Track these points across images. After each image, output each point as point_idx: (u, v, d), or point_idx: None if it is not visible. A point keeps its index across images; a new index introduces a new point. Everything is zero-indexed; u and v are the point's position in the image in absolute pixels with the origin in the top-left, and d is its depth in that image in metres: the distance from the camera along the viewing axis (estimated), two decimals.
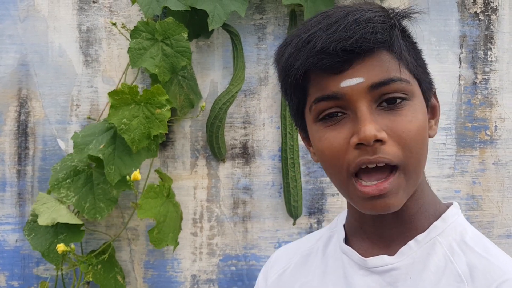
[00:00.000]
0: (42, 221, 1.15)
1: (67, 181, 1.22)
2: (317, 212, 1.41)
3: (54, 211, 1.18)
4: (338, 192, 1.41)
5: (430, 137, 0.65)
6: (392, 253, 0.66)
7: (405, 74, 0.61)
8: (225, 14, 1.26)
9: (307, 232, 1.41)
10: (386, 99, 0.60)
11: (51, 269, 1.38)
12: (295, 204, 1.36)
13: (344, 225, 0.74)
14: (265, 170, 1.41)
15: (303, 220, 1.41)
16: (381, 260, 0.65)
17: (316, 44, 0.59)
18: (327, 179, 1.41)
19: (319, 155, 0.64)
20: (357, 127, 0.58)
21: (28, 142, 1.41)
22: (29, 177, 1.41)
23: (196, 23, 1.32)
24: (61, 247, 1.10)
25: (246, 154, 1.42)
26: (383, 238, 0.67)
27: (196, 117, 1.38)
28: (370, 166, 0.59)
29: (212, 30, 1.32)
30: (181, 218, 1.36)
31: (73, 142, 1.21)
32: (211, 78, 1.40)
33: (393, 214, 0.64)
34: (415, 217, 0.66)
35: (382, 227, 0.67)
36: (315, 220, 1.41)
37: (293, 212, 1.37)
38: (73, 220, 1.18)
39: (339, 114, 0.61)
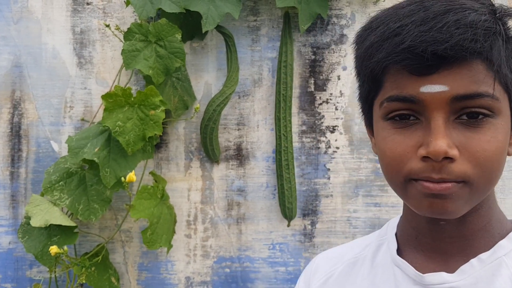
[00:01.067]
0: (35, 222, 1.14)
1: (60, 183, 1.22)
2: (311, 213, 1.41)
3: (47, 213, 1.17)
4: (332, 193, 1.42)
5: (510, 155, 0.58)
6: (451, 270, 0.59)
7: (498, 90, 0.53)
8: (218, 16, 1.26)
9: (301, 234, 1.41)
10: (468, 113, 0.53)
11: (44, 272, 1.38)
12: (289, 205, 1.36)
13: (395, 234, 0.68)
14: (259, 172, 1.41)
15: (297, 222, 1.41)
16: (440, 277, 0.59)
17: (405, 40, 0.52)
18: (321, 181, 1.41)
19: (380, 154, 0.59)
20: (428, 139, 0.53)
21: (21, 144, 1.40)
22: (22, 179, 1.40)
23: (190, 25, 1.32)
24: (54, 249, 1.10)
25: (240, 155, 1.42)
26: (441, 252, 0.61)
27: (190, 119, 1.38)
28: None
29: (206, 32, 1.32)
30: (175, 221, 1.36)
31: (68, 146, 1.21)
32: (205, 80, 1.40)
33: (454, 227, 0.59)
34: (479, 234, 0.60)
35: (440, 239, 0.61)
36: (309, 222, 1.41)
37: (287, 213, 1.37)
38: (67, 222, 1.18)
39: (411, 118, 0.55)
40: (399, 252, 0.65)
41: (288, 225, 1.40)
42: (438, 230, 0.60)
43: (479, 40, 0.51)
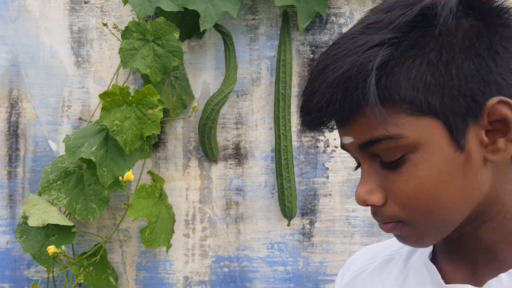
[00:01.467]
0: (33, 222, 1.14)
1: (57, 182, 1.22)
2: (310, 212, 1.41)
3: (45, 212, 1.17)
4: (331, 193, 1.42)
5: (494, 162, 0.50)
6: (478, 283, 0.55)
7: (400, 126, 0.49)
8: (216, 15, 1.26)
9: (299, 233, 1.41)
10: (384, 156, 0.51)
11: (42, 271, 1.37)
12: (289, 205, 1.36)
13: None
14: (257, 171, 1.41)
15: (296, 221, 1.41)
16: None
17: (303, 97, 0.54)
18: (320, 180, 1.41)
19: None
20: None
21: (19, 143, 1.40)
22: (20, 179, 1.40)
23: (188, 23, 1.32)
24: (51, 249, 1.10)
25: (238, 155, 1.41)
26: (467, 263, 0.58)
27: (188, 118, 1.38)
28: None
29: (204, 31, 1.32)
30: (174, 221, 1.36)
31: (65, 145, 1.20)
32: (203, 79, 1.40)
33: (469, 241, 0.56)
34: (500, 247, 0.55)
35: (463, 252, 0.58)
36: (308, 221, 1.41)
37: (287, 213, 1.37)
38: (64, 221, 1.18)
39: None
40: (434, 256, 0.62)
41: (288, 225, 1.40)
42: (460, 243, 0.57)
43: (339, 99, 0.48)
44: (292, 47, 1.37)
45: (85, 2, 1.39)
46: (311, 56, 1.40)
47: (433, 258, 0.62)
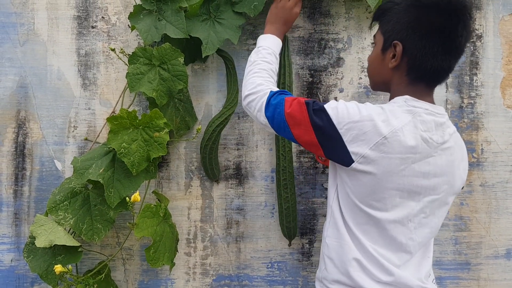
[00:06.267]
0: (40, 243, 1.16)
1: (64, 203, 1.24)
2: (309, 232, 1.44)
3: (52, 233, 1.19)
4: None
5: (390, 66, 1.09)
6: None
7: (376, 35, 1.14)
8: (218, 42, 1.30)
9: (299, 252, 1.43)
10: None
11: None
12: (288, 225, 1.38)
13: None
14: (258, 191, 1.44)
15: (295, 241, 1.43)
16: None
17: None
18: (319, 200, 1.44)
19: None
20: None
21: (25, 162, 1.43)
22: (25, 197, 1.43)
23: (192, 48, 1.36)
24: (58, 268, 1.12)
25: (239, 175, 1.44)
26: None
27: (192, 139, 1.41)
28: None
29: (207, 55, 1.36)
30: (177, 240, 1.38)
31: (73, 167, 1.23)
32: (206, 101, 1.44)
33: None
34: None
35: None
36: (307, 241, 1.44)
37: (287, 233, 1.39)
38: (71, 242, 1.19)
39: None
40: None
41: (290, 245, 1.42)
42: None
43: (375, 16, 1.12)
44: (292, 70, 1.41)
45: (92, 27, 1.43)
46: (310, 79, 1.44)
47: None
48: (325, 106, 1.01)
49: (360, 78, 1.42)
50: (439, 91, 1.44)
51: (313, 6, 1.42)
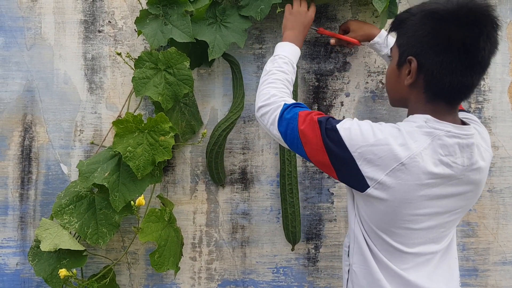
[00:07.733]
0: (45, 247, 1.16)
1: (70, 206, 1.24)
2: (315, 237, 1.43)
3: (57, 237, 1.19)
4: (336, 218, 1.44)
5: (406, 84, 1.00)
6: None
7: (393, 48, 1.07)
8: (224, 45, 1.30)
9: (305, 258, 1.43)
10: None
11: None
12: (293, 229, 1.37)
13: None
14: (263, 196, 1.44)
15: (301, 246, 1.43)
16: None
17: None
18: (325, 205, 1.43)
19: None
20: None
21: (31, 166, 1.43)
22: (31, 201, 1.43)
23: (198, 52, 1.36)
24: (63, 272, 1.12)
25: (245, 179, 1.44)
26: None
27: (197, 144, 1.41)
28: None
29: (213, 59, 1.36)
30: (182, 244, 1.38)
31: (79, 170, 1.23)
32: (212, 105, 1.44)
33: None
34: None
35: None
36: (313, 246, 1.43)
37: (291, 237, 1.38)
38: (76, 246, 1.19)
39: None
40: None
41: (292, 249, 1.41)
42: None
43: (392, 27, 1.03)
44: (298, 75, 1.41)
45: (99, 31, 1.44)
46: (316, 84, 1.43)
47: None
48: (338, 126, 0.95)
49: (367, 82, 1.42)
50: None
51: (320, 11, 1.42)
